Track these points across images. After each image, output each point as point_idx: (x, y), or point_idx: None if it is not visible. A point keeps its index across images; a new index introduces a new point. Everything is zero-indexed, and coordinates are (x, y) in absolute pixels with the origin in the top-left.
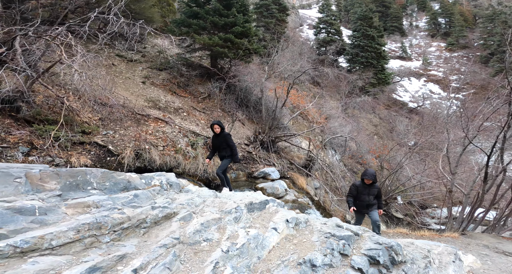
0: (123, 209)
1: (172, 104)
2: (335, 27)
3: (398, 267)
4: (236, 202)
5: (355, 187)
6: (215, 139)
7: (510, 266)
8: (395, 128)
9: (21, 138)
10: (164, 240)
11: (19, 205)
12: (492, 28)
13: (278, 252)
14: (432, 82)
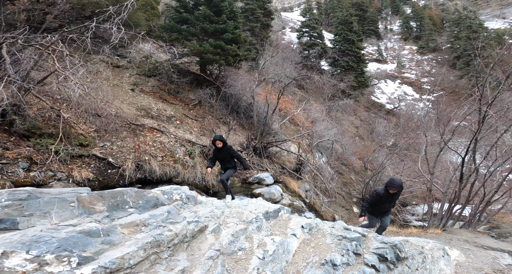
0: (168, 226)
1: (164, 113)
2: (317, 31)
3: (402, 263)
4: (252, 211)
5: (378, 195)
6: (218, 153)
7: (490, 258)
8: (375, 129)
9: (20, 153)
10: (208, 252)
11: (86, 228)
12: (458, 32)
13: (301, 255)
14: (406, 84)
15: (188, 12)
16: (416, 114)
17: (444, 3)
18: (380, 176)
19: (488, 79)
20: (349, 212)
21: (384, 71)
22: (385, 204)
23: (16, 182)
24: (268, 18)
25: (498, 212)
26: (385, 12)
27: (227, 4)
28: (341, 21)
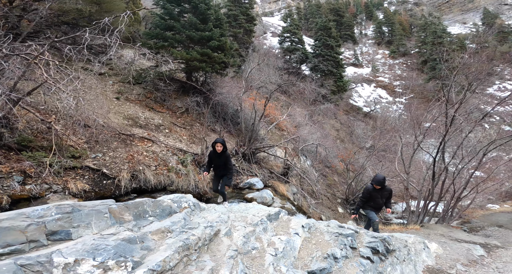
0: (189, 231)
1: (152, 121)
2: (298, 36)
3: (391, 254)
4: (255, 215)
5: (368, 191)
6: (216, 158)
7: (464, 250)
8: (354, 132)
9: (13, 166)
10: (228, 253)
11: (126, 236)
12: (424, 37)
13: (305, 251)
14: (381, 88)
15: (173, 19)
16: (391, 116)
17: (412, 8)
18: (362, 177)
19: (452, 85)
20: (334, 212)
21: (360, 75)
22: (377, 200)
23: (13, 195)
24: (251, 24)
25: (468, 207)
26: (360, 17)
27: (213, 11)
28: (320, 27)
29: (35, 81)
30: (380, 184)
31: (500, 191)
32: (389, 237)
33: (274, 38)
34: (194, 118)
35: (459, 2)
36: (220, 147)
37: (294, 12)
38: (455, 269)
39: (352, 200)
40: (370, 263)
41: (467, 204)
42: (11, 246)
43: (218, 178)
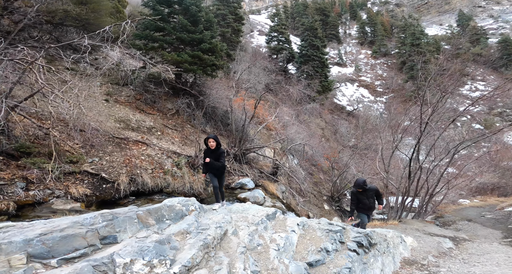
0: (203, 232)
1: (143, 124)
2: (285, 36)
3: (373, 247)
4: (255, 215)
5: (354, 194)
6: (209, 154)
7: (435, 243)
8: (338, 130)
9: (14, 173)
10: (238, 249)
11: (156, 238)
12: (404, 38)
13: (301, 246)
14: (363, 87)
15: (164, 20)
16: (372, 115)
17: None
18: (345, 175)
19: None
20: (321, 210)
21: (344, 74)
22: (364, 201)
23: (18, 201)
24: (239, 24)
25: (440, 203)
26: (345, 16)
27: (204, 14)
28: (307, 27)
29: (29, 86)
30: (360, 187)
31: (471, 187)
32: (371, 232)
33: (261, 36)
34: (184, 120)
35: (437, 4)
36: (213, 142)
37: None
38: (427, 260)
39: (337, 197)
40: (356, 255)
41: (440, 199)
42: (78, 250)
43: (215, 176)
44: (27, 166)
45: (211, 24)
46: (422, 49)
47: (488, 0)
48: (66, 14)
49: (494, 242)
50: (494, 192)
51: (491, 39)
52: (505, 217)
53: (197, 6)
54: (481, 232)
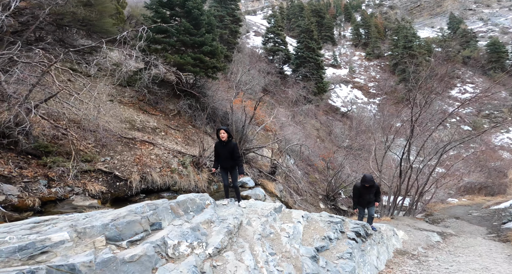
0: (224, 221)
1: (148, 124)
2: (281, 38)
3: (369, 237)
4: (263, 208)
5: (357, 189)
6: (221, 147)
7: (424, 237)
8: (332, 131)
9: (36, 171)
10: (255, 236)
11: (189, 226)
12: (397, 40)
13: (307, 234)
14: (357, 89)
15: (166, 23)
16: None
17: (387, 11)
18: (340, 175)
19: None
20: (316, 208)
21: (339, 76)
22: (365, 196)
23: (42, 198)
24: (237, 25)
25: (429, 201)
26: (339, 18)
27: (205, 17)
28: (303, 30)
29: (45, 88)
30: (368, 182)
31: (459, 186)
32: (367, 224)
33: (257, 37)
34: (186, 120)
35: (429, 7)
36: (224, 134)
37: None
38: (417, 251)
39: (332, 196)
40: (355, 243)
41: (429, 198)
42: (138, 234)
43: (225, 171)
44: (48, 165)
45: (211, 27)
46: (414, 51)
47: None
48: (74, 17)
49: (478, 237)
50: (482, 191)
51: (480, 42)
52: (490, 215)
53: (199, 9)
54: (467, 228)
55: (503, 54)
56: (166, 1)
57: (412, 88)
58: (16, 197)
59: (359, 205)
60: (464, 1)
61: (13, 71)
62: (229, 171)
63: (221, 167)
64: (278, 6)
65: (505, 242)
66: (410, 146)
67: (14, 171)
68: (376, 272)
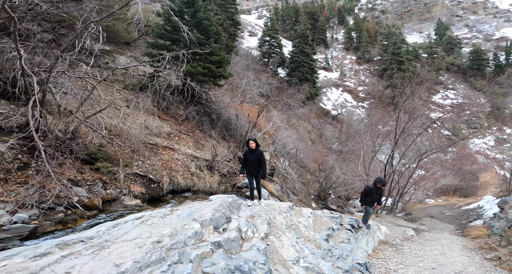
0: (261, 216)
1: (162, 130)
2: (277, 41)
3: (361, 229)
4: (280, 207)
5: (369, 188)
6: (250, 154)
7: (401, 231)
8: (323, 134)
9: (93, 175)
10: (283, 226)
11: (244, 219)
12: (386, 46)
13: (316, 226)
14: (347, 92)
15: (176, 31)
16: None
17: (379, 15)
18: (331, 176)
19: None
20: (309, 207)
21: (330, 79)
22: (374, 195)
23: (103, 198)
24: (235, 28)
25: (408, 202)
26: (333, 21)
27: (214, 28)
28: (299, 34)
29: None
30: (382, 183)
31: (436, 188)
32: (358, 218)
33: (251, 37)
34: (194, 125)
35: (418, 12)
36: (253, 144)
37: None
38: (395, 242)
39: (323, 196)
40: (351, 232)
41: (408, 199)
42: (223, 224)
43: (252, 176)
44: (100, 169)
45: (219, 36)
46: (401, 58)
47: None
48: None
49: (445, 233)
50: (456, 193)
51: (464, 49)
52: (460, 214)
53: (209, 20)
54: (439, 226)
55: (484, 61)
56: (177, 11)
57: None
58: (86, 197)
59: (366, 203)
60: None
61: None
62: (255, 175)
63: (247, 172)
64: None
65: (465, 236)
66: (393, 153)
67: (78, 176)
68: (366, 254)
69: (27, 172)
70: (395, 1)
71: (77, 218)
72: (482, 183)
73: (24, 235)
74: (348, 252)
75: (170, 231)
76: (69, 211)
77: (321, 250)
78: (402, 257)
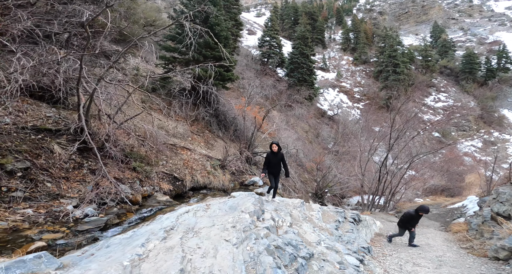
0: (283, 209)
1: (177, 130)
2: (277, 41)
3: (360, 222)
4: (293, 203)
5: (410, 215)
6: (273, 156)
7: (393, 226)
8: (320, 134)
9: (131, 174)
10: (300, 218)
11: (272, 211)
12: (383, 47)
13: (325, 218)
14: (343, 93)
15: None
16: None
17: (376, 17)
18: (328, 176)
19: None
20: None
21: (327, 80)
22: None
23: (142, 194)
24: (238, 29)
25: (399, 200)
26: (331, 21)
27: (224, 33)
28: (299, 36)
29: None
30: (426, 211)
31: (425, 188)
32: (359, 213)
33: (250, 36)
34: (203, 126)
35: (416, 14)
36: (275, 147)
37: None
38: (388, 234)
39: (320, 194)
40: (353, 224)
41: (399, 198)
42: (261, 216)
43: (273, 176)
44: (136, 169)
45: (228, 41)
46: (397, 61)
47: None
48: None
49: (431, 228)
50: (444, 192)
51: (458, 52)
52: (446, 213)
53: (219, 25)
54: (426, 223)
55: (476, 65)
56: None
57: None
58: (130, 194)
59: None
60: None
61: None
62: (276, 176)
63: (269, 172)
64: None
65: (448, 231)
66: (387, 156)
67: (120, 174)
68: (366, 243)
69: (82, 171)
70: (393, 3)
71: (125, 212)
72: (467, 183)
73: (101, 227)
74: (353, 239)
75: (232, 220)
76: (118, 206)
77: (333, 236)
78: (395, 246)
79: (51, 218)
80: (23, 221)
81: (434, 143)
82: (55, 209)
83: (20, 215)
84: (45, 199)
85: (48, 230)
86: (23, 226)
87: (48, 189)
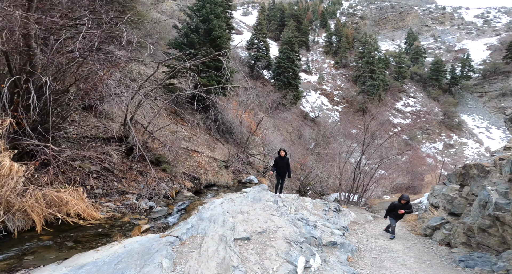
0: (294, 203)
1: (183, 134)
2: (265, 45)
3: (341, 212)
4: (291, 197)
5: (394, 205)
6: (280, 160)
7: (364, 216)
8: (302, 135)
9: (164, 174)
10: (300, 207)
11: (285, 204)
12: (362, 52)
13: (315, 208)
14: (324, 95)
15: (194, 46)
16: (330, 122)
17: (358, 21)
18: (310, 175)
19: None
20: None
21: (309, 82)
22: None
23: (175, 191)
24: (230, 33)
25: (370, 197)
26: (315, 23)
27: (225, 45)
28: (286, 41)
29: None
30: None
31: (392, 186)
32: (340, 205)
33: (237, 36)
34: (203, 130)
35: (394, 20)
36: (283, 152)
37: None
38: (360, 222)
39: (303, 191)
40: (336, 213)
41: (369, 195)
42: (277, 210)
43: (279, 176)
44: (166, 170)
45: (228, 51)
46: (373, 67)
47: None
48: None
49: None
50: (408, 190)
51: (428, 58)
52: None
53: (221, 38)
54: None
55: (442, 72)
56: (194, 28)
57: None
58: (168, 191)
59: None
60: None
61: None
62: (282, 176)
63: (277, 173)
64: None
65: (403, 221)
66: (361, 158)
67: (157, 175)
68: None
69: (133, 172)
70: (374, 7)
71: (166, 205)
72: (426, 182)
73: (166, 215)
74: (337, 222)
75: (264, 206)
76: (161, 200)
77: (323, 219)
78: (365, 229)
79: (128, 209)
80: (113, 211)
81: (403, 144)
82: (126, 203)
83: (108, 207)
84: (116, 195)
85: (134, 218)
86: (117, 215)
87: (116, 187)
